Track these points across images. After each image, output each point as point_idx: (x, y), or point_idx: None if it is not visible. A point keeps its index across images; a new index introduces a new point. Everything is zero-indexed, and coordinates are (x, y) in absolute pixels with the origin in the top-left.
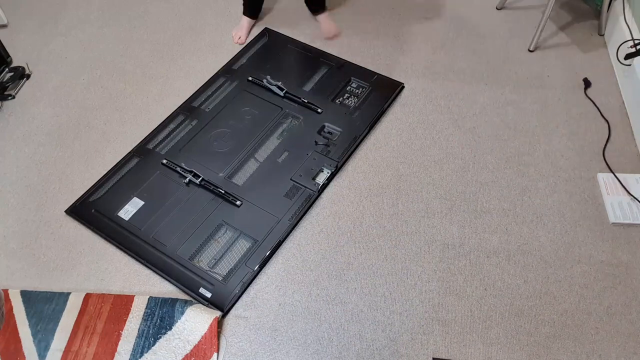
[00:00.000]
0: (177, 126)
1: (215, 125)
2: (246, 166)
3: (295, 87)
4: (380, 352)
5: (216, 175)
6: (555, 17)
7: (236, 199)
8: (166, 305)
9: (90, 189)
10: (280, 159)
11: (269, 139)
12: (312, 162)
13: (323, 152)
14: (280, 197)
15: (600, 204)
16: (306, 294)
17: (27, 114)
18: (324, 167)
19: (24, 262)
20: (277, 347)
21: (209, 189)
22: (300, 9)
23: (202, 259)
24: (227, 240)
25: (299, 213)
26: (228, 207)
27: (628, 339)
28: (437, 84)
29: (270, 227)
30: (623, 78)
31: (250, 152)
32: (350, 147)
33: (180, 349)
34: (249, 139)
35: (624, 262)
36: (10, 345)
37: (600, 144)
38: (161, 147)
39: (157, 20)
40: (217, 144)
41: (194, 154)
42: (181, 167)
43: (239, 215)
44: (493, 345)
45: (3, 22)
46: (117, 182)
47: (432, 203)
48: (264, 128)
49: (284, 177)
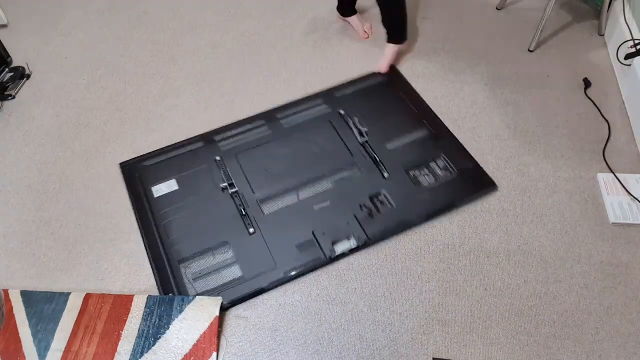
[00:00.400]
0: (252, 129)
1: (282, 144)
2: (283, 198)
3: (378, 140)
4: (380, 352)
5: (252, 193)
6: (555, 17)
7: (252, 226)
8: (164, 303)
9: (150, 153)
10: (318, 207)
11: (322, 180)
12: (344, 225)
13: (361, 220)
14: (291, 245)
15: (600, 204)
16: (306, 294)
17: (27, 114)
18: (352, 237)
19: (24, 262)
20: (277, 347)
21: (236, 204)
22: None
23: (191, 266)
24: (223, 260)
25: (297, 270)
26: (242, 229)
27: (628, 339)
28: (437, 84)
29: (262, 270)
30: (623, 78)
31: (296, 186)
32: (392, 230)
33: (179, 349)
34: (304, 172)
35: (624, 262)
36: (10, 345)
37: (600, 144)
38: (225, 143)
39: (157, 20)
40: (272, 163)
41: (246, 162)
42: (226, 171)
43: (245, 242)
44: (493, 345)
45: (3, 22)
46: (172, 157)
47: None
48: (324, 167)
49: (308, 225)
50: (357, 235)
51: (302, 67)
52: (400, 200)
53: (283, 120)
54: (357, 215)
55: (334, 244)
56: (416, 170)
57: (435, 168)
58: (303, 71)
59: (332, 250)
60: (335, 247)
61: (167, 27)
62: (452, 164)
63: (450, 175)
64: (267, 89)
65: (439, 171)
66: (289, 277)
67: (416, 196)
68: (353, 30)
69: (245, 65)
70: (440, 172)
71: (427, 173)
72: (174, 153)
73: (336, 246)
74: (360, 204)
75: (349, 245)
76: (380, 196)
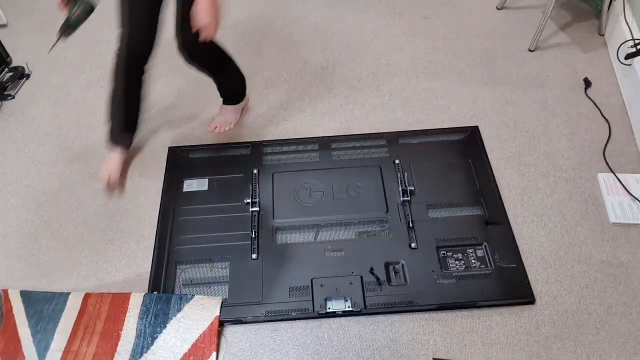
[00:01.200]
0: (301, 151)
1: (323, 176)
2: (300, 233)
3: (422, 204)
4: (380, 352)
5: (271, 218)
6: (555, 17)
7: (256, 252)
8: (160, 302)
9: (200, 146)
10: (330, 254)
11: (346, 228)
12: (345, 285)
13: (366, 285)
14: (286, 286)
15: (601, 204)
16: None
17: (27, 114)
18: (348, 300)
19: (24, 262)
20: (277, 347)
21: (252, 224)
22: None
23: (187, 271)
24: (218, 276)
25: (280, 315)
26: (246, 252)
27: (628, 339)
28: (437, 84)
29: (247, 301)
30: (623, 78)
31: (318, 225)
32: (394, 306)
33: (178, 348)
34: (332, 213)
35: (624, 262)
36: (10, 345)
37: (601, 144)
38: (270, 157)
39: None
40: (304, 194)
41: (280, 184)
42: (257, 187)
43: (245, 266)
44: (493, 345)
45: (3, 22)
46: (216, 157)
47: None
48: (354, 215)
49: (310, 270)
50: (355, 301)
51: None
52: (417, 279)
53: (335, 152)
54: (363, 279)
55: (328, 300)
56: (449, 251)
57: (471, 255)
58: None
59: (323, 306)
60: (328, 304)
61: (166, 27)
62: (492, 258)
63: (485, 269)
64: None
65: (474, 260)
66: (269, 319)
67: (437, 281)
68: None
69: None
70: (474, 262)
71: (461, 258)
72: (221, 153)
73: (329, 303)
74: (372, 268)
75: (342, 307)
76: (397, 266)
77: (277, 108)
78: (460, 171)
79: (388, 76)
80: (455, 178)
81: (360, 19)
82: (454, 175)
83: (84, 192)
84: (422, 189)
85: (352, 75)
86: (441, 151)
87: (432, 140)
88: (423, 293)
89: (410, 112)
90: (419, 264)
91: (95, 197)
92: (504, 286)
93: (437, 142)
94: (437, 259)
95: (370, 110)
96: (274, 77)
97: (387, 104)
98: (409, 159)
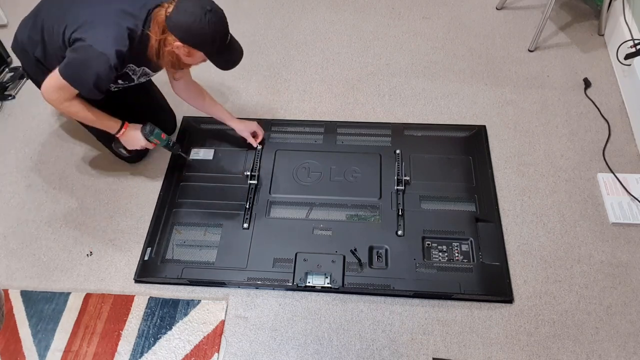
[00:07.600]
0: (307, 133)
1: (324, 159)
2: (293, 210)
3: (415, 195)
4: (380, 352)
5: (267, 192)
6: (555, 17)
7: (248, 222)
8: (167, 306)
9: (214, 119)
10: (318, 232)
11: (338, 210)
12: (327, 262)
13: (347, 265)
14: (270, 256)
15: (600, 204)
16: (306, 294)
17: (27, 114)
18: (328, 277)
19: (24, 262)
20: (277, 347)
21: (248, 196)
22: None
23: (182, 231)
24: (209, 240)
25: (260, 282)
26: (239, 221)
27: (628, 339)
28: (437, 84)
29: (232, 266)
30: (623, 78)
31: (312, 204)
32: (370, 289)
33: (180, 349)
34: (327, 194)
35: (624, 262)
36: (10, 345)
37: (600, 144)
38: (277, 136)
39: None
40: (301, 173)
41: (281, 161)
42: (258, 162)
43: (235, 234)
44: (493, 345)
45: (3, 22)
46: (225, 130)
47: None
48: (347, 198)
49: (297, 245)
50: (334, 278)
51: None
52: (398, 265)
53: (340, 137)
54: (346, 259)
55: (309, 274)
56: (434, 242)
57: (455, 249)
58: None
59: (303, 279)
60: (308, 278)
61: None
62: (476, 254)
63: (467, 264)
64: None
65: (457, 254)
66: (250, 285)
67: (417, 270)
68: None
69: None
70: (458, 255)
71: (445, 250)
72: (229, 128)
73: (309, 277)
74: (355, 249)
75: (321, 282)
76: (380, 250)
77: (277, 108)
78: (460, 167)
79: (388, 76)
80: (453, 173)
81: (360, 19)
82: (453, 171)
83: (84, 193)
84: (418, 180)
85: (352, 75)
86: (444, 146)
87: (437, 134)
88: (401, 279)
89: (410, 112)
90: (402, 251)
91: (96, 197)
92: (483, 282)
93: (442, 137)
94: (421, 248)
95: (370, 110)
96: (274, 77)
97: (387, 104)
98: (410, 150)
